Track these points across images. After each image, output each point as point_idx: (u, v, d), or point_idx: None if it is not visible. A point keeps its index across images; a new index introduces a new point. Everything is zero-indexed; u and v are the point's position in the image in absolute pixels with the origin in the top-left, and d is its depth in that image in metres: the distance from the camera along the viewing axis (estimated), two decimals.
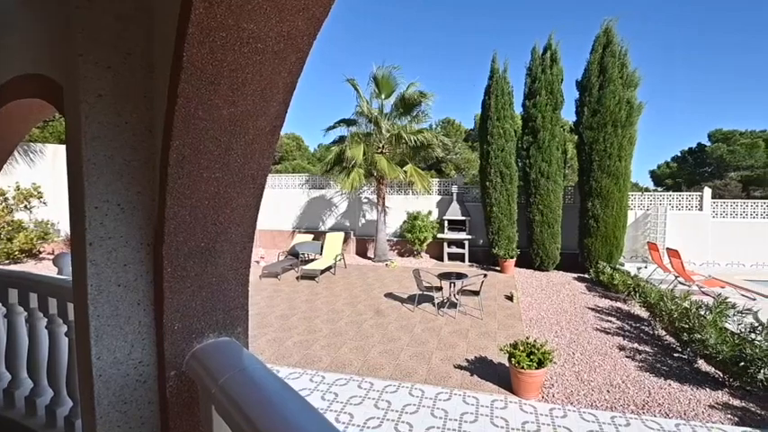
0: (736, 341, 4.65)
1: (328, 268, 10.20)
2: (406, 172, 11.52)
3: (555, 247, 10.62)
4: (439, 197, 13.24)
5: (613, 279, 8.34)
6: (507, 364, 4.43)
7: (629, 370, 4.95)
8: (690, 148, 25.43)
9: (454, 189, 12.42)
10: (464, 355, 5.30)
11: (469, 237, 11.86)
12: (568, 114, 11.14)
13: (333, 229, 13.52)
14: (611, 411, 4.05)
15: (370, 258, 12.54)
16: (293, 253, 10.71)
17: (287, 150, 28.48)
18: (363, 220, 13.86)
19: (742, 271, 10.22)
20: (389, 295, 8.22)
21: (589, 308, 7.48)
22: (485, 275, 7.25)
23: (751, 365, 4.30)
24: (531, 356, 4.24)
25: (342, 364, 5.02)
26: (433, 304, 7.30)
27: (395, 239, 13.22)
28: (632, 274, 8.74)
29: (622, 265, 10.08)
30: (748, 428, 3.81)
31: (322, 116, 62.50)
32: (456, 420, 3.82)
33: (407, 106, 11.60)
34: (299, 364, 5.02)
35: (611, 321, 6.73)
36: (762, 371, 4.22)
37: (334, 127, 12.27)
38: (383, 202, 12.05)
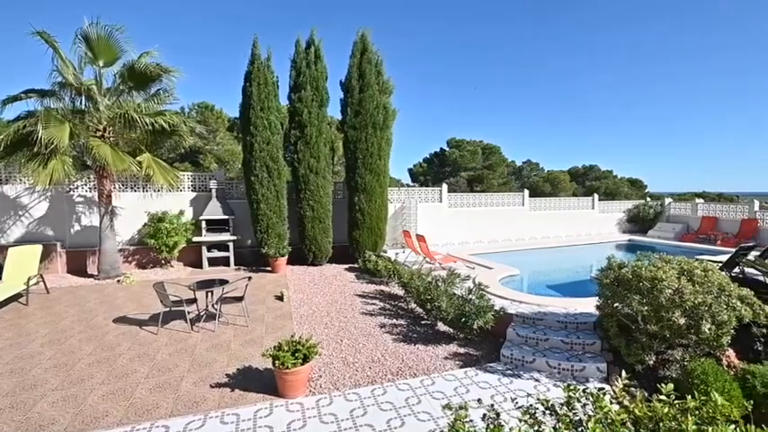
0: (460, 302, 6.28)
1: (15, 298, 7.77)
2: (140, 163, 9.90)
3: (327, 241, 11.63)
4: (194, 194, 12.14)
5: (377, 265, 9.86)
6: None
7: (387, 344, 5.90)
8: (435, 152, 33.09)
9: (213, 184, 11.67)
10: (224, 370, 5.03)
11: (234, 238, 11.42)
12: (337, 113, 12.34)
13: (22, 242, 10.30)
14: (372, 385, 4.71)
15: (92, 276, 10.22)
16: None
17: None
18: (79, 227, 11.13)
19: (468, 248, 14.04)
20: (122, 320, 6.91)
21: (357, 295, 8.53)
22: (249, 278, 7.10)
23: (469, 319, 5.90)
24: (297, 354, 4.43)
25: (36, 427, 3.84)
26: (186, 320, 6.61)
27: (132, 248, 11.25)
28: (392, 259, 10.56)
29: (385, 252, 12.11)
30: (469, 368, 5.22)
31: (11, 84, 46.56)
32: None
33: (140, 80, 9.99)
34: None
35: (375, 304, 7.88)
36: (475, 321, 5.85)
37: (18, 98, 9.39)
38: (109, 201, 10.03)
